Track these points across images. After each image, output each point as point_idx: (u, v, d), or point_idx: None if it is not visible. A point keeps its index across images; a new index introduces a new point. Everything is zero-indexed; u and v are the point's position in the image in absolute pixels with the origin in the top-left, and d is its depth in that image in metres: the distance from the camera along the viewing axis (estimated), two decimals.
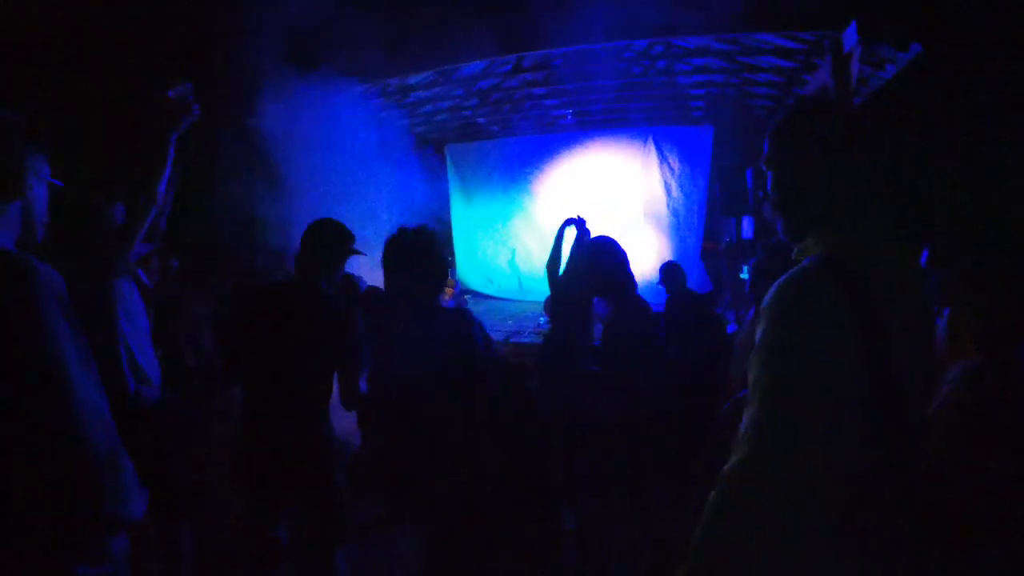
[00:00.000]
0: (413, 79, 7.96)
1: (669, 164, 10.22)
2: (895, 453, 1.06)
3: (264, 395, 2.38)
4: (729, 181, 7.76)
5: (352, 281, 3.72)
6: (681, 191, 10.16)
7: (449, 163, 11.68)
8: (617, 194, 10.41)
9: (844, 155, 1.23)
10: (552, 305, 3.59)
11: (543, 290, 3.63)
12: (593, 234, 3.31)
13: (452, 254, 11.02)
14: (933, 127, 6.22)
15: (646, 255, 10.23)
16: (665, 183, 10.21)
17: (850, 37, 5.66)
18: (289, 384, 2.34)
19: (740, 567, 1.10)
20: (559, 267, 3.49)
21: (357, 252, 2.67)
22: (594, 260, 3.08)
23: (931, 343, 1.29)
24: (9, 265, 1.11)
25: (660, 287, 5.31)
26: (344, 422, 3.00)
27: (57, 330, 1.08)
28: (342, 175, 6.15)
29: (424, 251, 2.29)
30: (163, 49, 5.49)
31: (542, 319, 3.33)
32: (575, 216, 3.57)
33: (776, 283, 1.15)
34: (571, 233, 3.57)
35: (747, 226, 7.91)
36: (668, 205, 10.21)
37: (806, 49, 6.65)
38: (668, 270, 5.34)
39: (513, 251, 11.06)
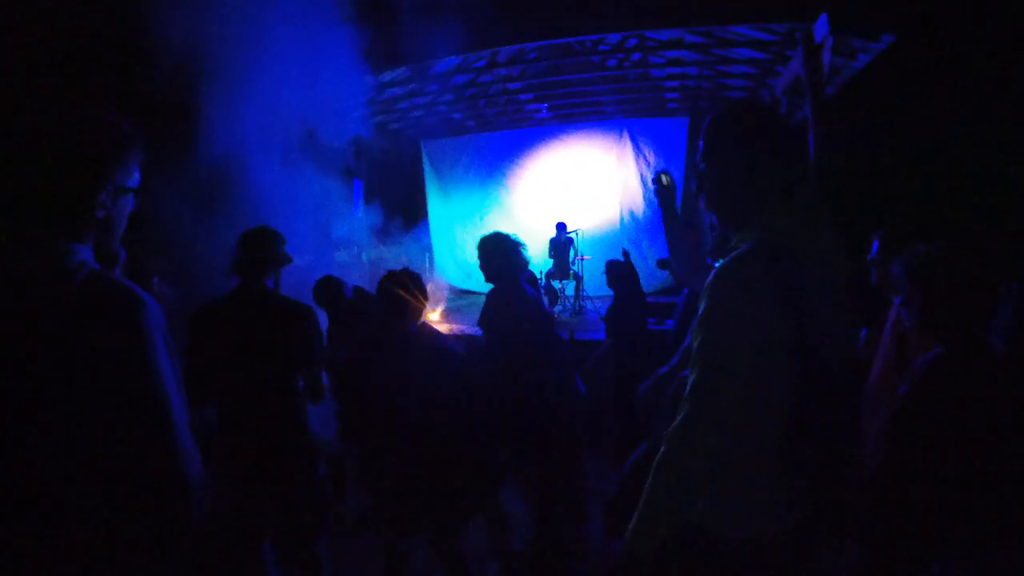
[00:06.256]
0: (387, 76, 7.86)
1: (644, 156, 10.28)
2: (820, 400, 1.22)
3: (238, 400, 2.45)
4: None
5: (333, 282, 3.66)
6: None
7: (425, 159, 11.59)
8: (593, 187, 10.44)
9: (772, 152, 1.33)
10: None
11: None
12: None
13: (430, 250, 10.94)
14: (904, 116, 6.33)
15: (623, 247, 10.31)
16: (641, 175, 10.25)
17: (821, 28, 5.73)
18: (258, 386, 2.44)
19: (687, 508, 1.28)
20: None
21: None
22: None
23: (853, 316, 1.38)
24: (121, 298, 1.09)
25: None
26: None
27: (162, 366, 1.09)
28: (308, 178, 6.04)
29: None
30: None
31: None
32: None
33: (717, 265, 1.29)
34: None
35: None
36: (644, 196, 10.26)
37: (779, 41, 6.72)
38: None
39: None
